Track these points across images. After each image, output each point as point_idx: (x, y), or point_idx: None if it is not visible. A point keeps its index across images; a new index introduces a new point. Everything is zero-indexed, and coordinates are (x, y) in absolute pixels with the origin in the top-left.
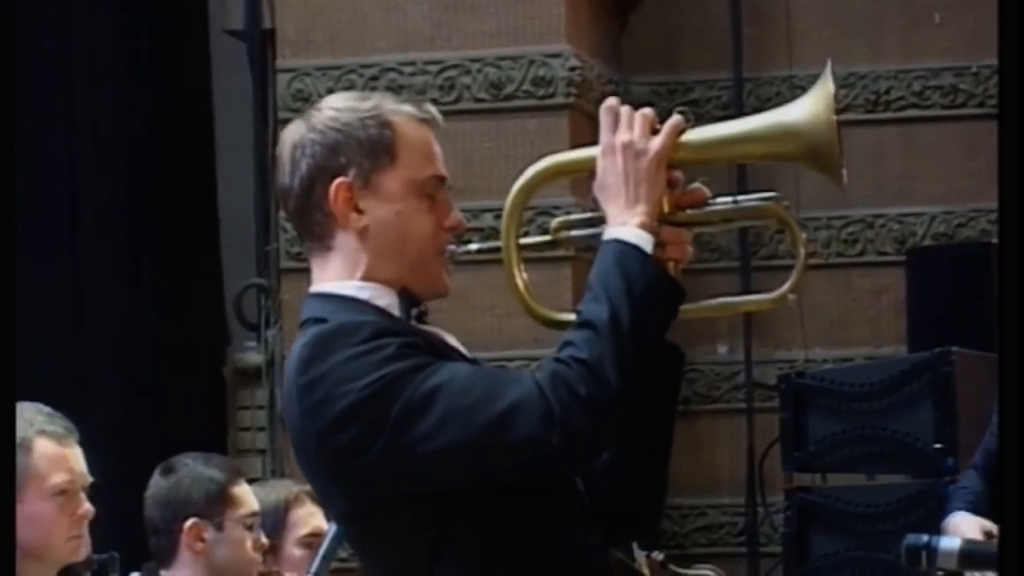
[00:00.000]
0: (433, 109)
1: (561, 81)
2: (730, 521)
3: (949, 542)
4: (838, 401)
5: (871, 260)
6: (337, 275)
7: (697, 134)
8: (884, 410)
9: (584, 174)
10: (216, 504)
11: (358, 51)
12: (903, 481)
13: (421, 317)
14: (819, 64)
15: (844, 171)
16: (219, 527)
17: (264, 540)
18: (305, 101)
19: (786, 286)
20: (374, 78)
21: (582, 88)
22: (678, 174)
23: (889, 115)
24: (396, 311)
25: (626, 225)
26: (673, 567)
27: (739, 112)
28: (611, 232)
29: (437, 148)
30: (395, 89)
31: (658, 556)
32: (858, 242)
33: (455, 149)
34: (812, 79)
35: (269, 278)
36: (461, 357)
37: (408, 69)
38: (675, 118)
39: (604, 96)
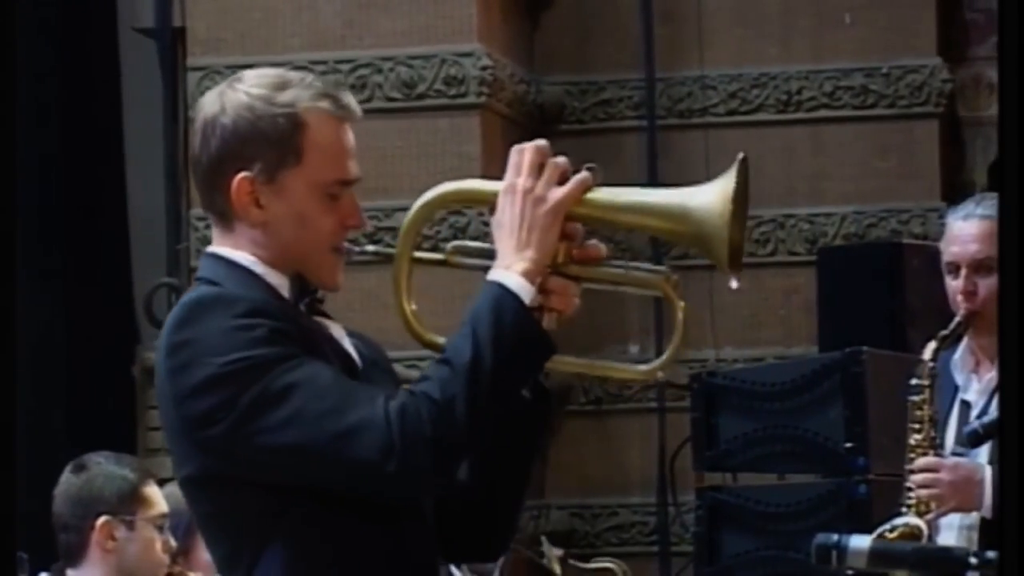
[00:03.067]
0: (352, 102)
1: (473, 80)
2: (641, 520)
3: (859, 541)
4: (749, 401)
5: (782, 260)
6: (235, 246)
7: (603, 194)
8: (795, 410)
9: (485, 207)
10: (128, 503)
11: (269, 49)
12: (814, 480)
13: (314, 303)
14: (731, 64)
15: (734, 277)
16: (131, 526)
17: (173, 543)
18: None
19: (658, 362)
20: None
21: (494, 87)
22: (577, 227)
23: (800, 115)
24: (286, 293)
25: (510, 269)
26: (573, 562)
27: (651, 112)
28: (495, 274)
29: (350, 144)
30: None
31: (557, 552)
32: (769, 242)
33: (367, 147)
34: (724, 79)
35: (179, 277)
36: (338, 353)
37: (320, 68)
38: (583, 174)
39: (516, 95)
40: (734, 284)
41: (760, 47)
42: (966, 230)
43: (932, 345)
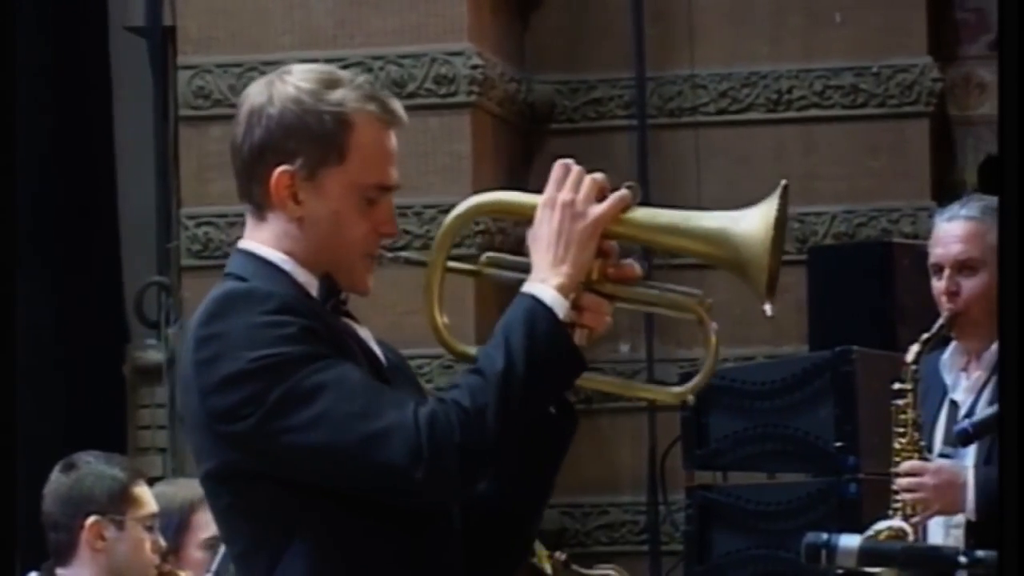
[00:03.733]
0: (399, 108)
1: (463, 79)
2: (632, 519)
3: (848, 540)
4: (739, 399)
5: None
6: (267, 241)
7: (642, 214)
8: (785, 408)
9: (524, 219)
10: (118, 503)
11: (260, 48)
12: (804, 479)
13: (339, 305)
14: (721, 63)
15: (770, 303)
16: (120, 526)
17: (162, 542)
18: (206, 99)
19: (690, 384)
20: None
21: (484, 86)
22: (613, 245)
23: (791, 114)
24: (314, 292)
25: (546, 283)
26: (576, 567)
27: (641, 111)
28: (530, 287)
29: (393, 150)
30: None
31: (560, 556)
32: None
33: None
34: (714, 78)
35: (170, 276)
36: (367, 354)
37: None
38: (623, 192)
39: (507, 94)
40: (768, 311)
41: (750, 46)
42: (950, 231)
43: (915, 348)
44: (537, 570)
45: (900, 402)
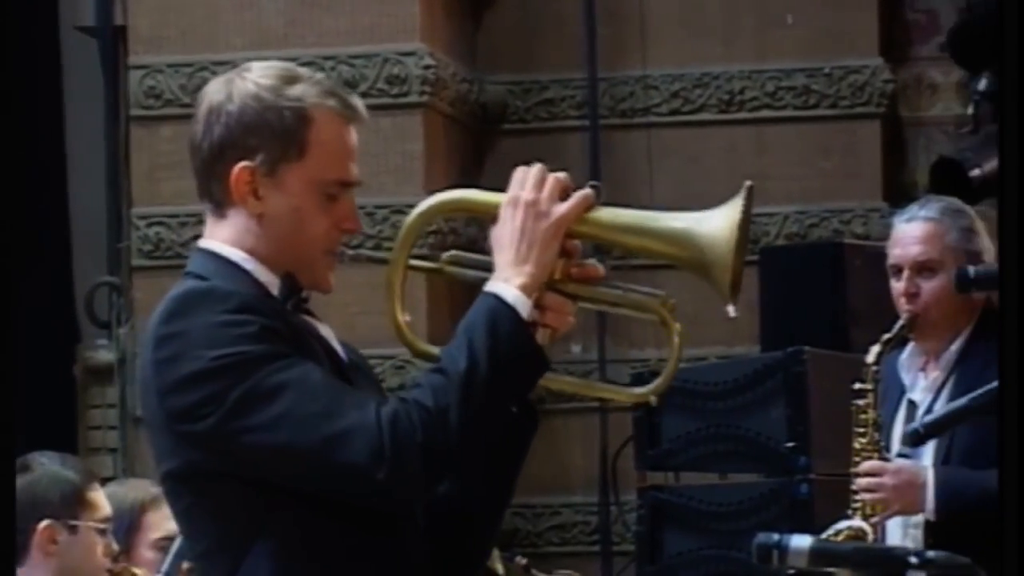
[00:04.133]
0: (359, 105)
1: (415, 80)
2: (583, 520)
3: (800, 540)
4: (691, 400)
5: None
6: (227, 240)
7: (605, 214)
8: (737, 409)
9: (486, 217)
10: (71, 507)
11: (211, 48)
12: (756, 480)
13: (300, 303)
14: (673, 64)
15: (733, 304)
16: (73, 530)
17: (115, 546)
18: (157, 98)
19: (652, 386)
20: None
21: (436, 87)
22: (576, 245)
23: (743, 115)
24: (275, 291)
25: (509, 282)
26: (536, 572)
27: (593, 111)
28: (492, 286)
29: (353, 146)
30: None
31: (521, 560)
32: None
33: None
34: (666, 79)
35: (120, 276)
36: (329, 353)
37: None
38: (587, 191)
39: (459, 95)
40: (732, 312)
41: (703, 47)
42: (908, 232)
43: (875, 349)
44: (488, 571)
45: (860, 402)
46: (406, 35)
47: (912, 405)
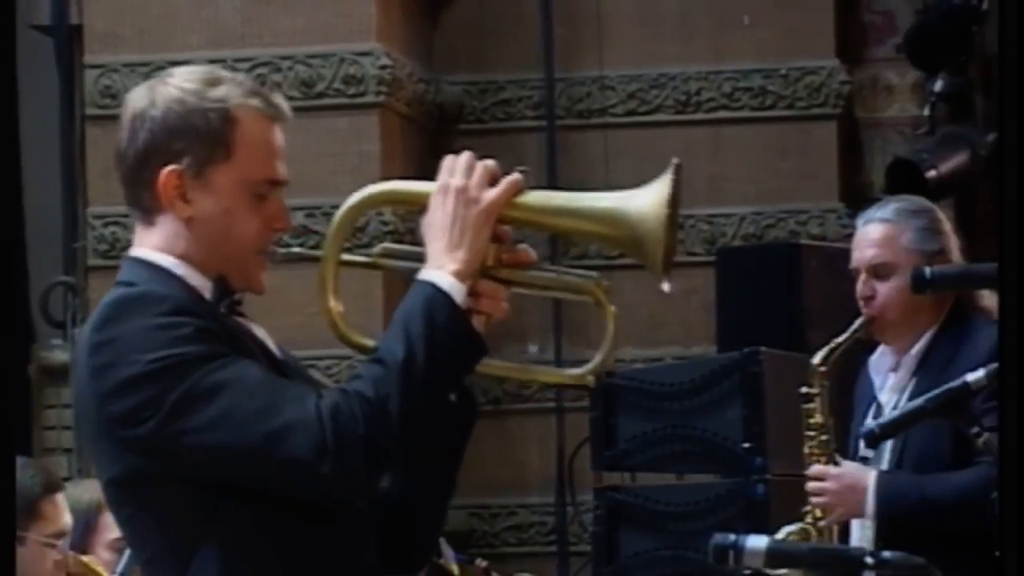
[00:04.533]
0: (283, 103)
1: (372, 79)
2: (540, 520)
3: (756, 541)
4: (648, 400)
5: (681, 260)
6: (157, 247)
7: (534, 197)
8: (694, 410)
9: (417, 207)
10: (22, 519)
11: (167, 47)
12: (712, 480)
13: (234, 306)
14: (630, 65)
15: (666, 280)
16: (21, 542)
17: (69, 555)
18: (113, 98)
19: (589, 366)
20: None
21: (393, 87)
22: (508, 230)
23: (699, 116)
24: (207, 295)
25: (442, 269)
26: (495, 574)
27: (550, 112)
28: (426, 274)
29: (280, 145)
30: None
31: (481, 563)
32: None
33: None
34: (623, 79)
35: (76, 276)
36: (265, 352)
37: (218, 66)
38: (515, 176)
39: (416, 95)
40: (666, 287)
41: (659, 48)
42: (864, 235)
43: (822, 352)
44: (444, 571)
45: (809, 406)
46: (362, 35)
47: (879, 406)
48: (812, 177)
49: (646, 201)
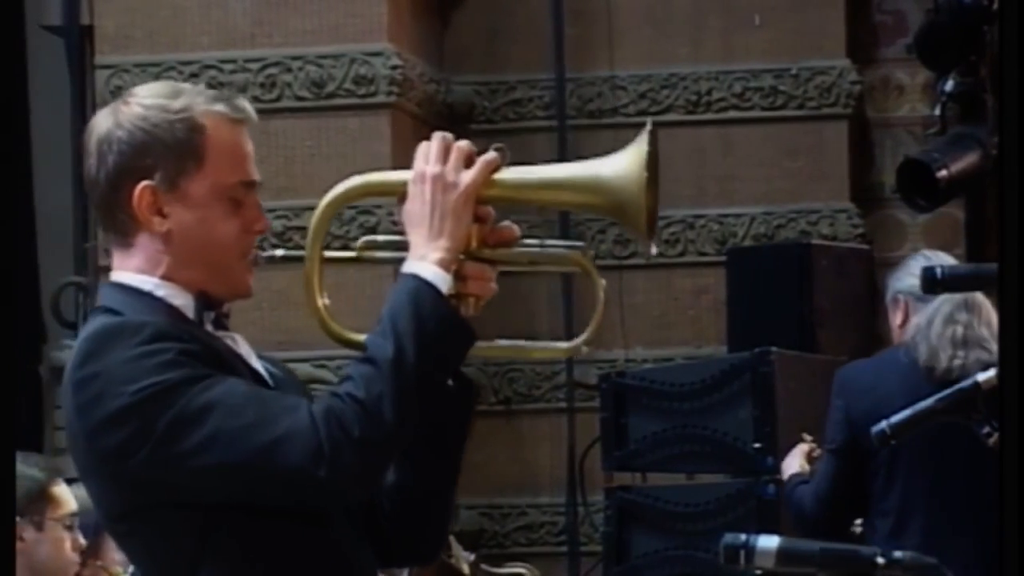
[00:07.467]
0: (247, 106)
1: (383, 80)
2: (550, 521)
3: (767, 541)
4: (658, 401)
5: (692, 260)
6: (137, 269)
7: (512, 174)
8: (704, 410)
9: (395, 197)
10: (37, 503)
11: (178, 48)
12: (722, 480)
13: (219, 320)
14: (640, 65)
15: (653, 242)
16: (39, 527)
17: (82, 540)
18: None
19: (583, 337)
20: (194, 75)
21: (404, 87)
22: (489, 210)
23: (710, 116)
24: (190, 313)
25: (425, 260)
26: (485, 567)
27: (561, 112)
28: (409, 266)
29: (249, 148)
30: (215, 86)
31: (469, 556)
32: (679, 242)
33: (276, 147)
34: (633, 79)
35: (87, 276)
36: (246, 366)
37: (228, 67)
38: (490, 155)
39: (426, 95)
40: (653, 250)
41: (670, 48)
42: None
43: None
44: (455, 571)
45: None
46: (373, 35)
47: None
48: (823, 177)
49: (623, 165)
